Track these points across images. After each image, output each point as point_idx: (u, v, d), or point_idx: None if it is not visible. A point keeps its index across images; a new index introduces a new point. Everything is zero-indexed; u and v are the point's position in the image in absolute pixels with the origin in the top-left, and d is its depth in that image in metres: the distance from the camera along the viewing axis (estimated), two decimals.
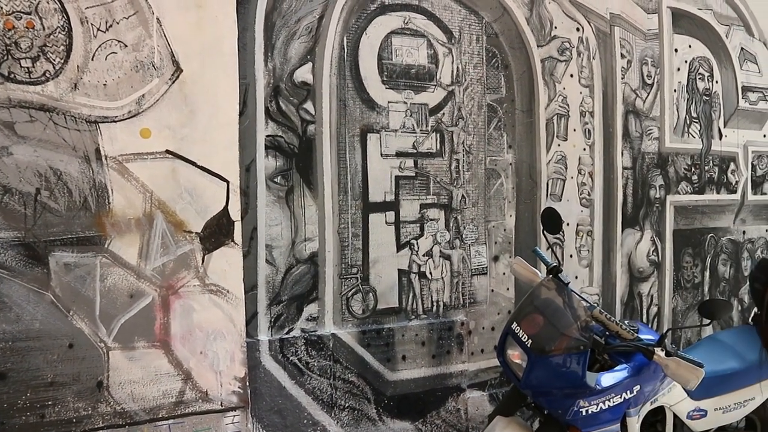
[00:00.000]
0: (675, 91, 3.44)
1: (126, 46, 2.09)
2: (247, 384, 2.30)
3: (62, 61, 2.02)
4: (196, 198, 2.19)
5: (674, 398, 2.25)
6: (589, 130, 3.17)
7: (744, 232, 3.74)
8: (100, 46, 2.06)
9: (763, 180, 3.81)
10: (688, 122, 3.50)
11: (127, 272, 2.10)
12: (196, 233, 2.20)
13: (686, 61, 3.49)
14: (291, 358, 2.45)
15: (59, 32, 2.01)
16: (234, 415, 2.27)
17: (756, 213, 3.79)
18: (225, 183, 2.22)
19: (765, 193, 3.82)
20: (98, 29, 2.06)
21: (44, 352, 2.01)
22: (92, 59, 2.04)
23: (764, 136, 3.80)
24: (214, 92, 2.21)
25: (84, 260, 2.05)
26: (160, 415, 2.15)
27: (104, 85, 2.06)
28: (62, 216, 2.02)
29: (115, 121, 2.07)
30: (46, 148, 2.00)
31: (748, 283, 3.43)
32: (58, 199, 2.02)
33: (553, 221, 2.28)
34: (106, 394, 2.08)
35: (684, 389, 2.24)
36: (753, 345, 2.47)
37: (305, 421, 2.48)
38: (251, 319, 2.37)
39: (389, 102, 2.66)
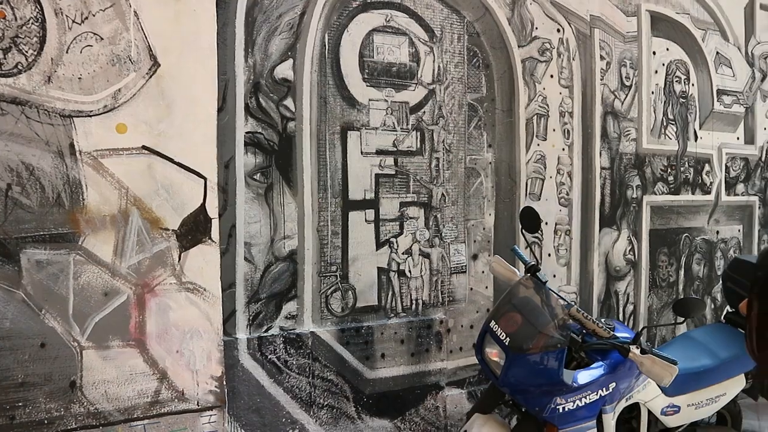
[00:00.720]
0: (652, 93, 3.49)
1: (102, 39, 2.04)
2: (224, 383, 2.28)
3: (35, 53, 1.97)
4: (172, 195, 2.16)
5: (649, 395, 2.28)
6: (568, 131, 3.20)
7: (717, 232, 3.81)
8: (75, 38, 2.01)
9: (736, 181, 3.88)
10: (664, 124, 3.55)
11: (101, 270, 2.06)
12: (172, 230, 2.17)
13: (664, 64, 3.53)
14: (269, 356, 2.43)
15: (32, 23, 1.96)
16: (211, 415, 2.25)
17: (729, 213, 3.86)
18: (202, 180, 2.20)
19: (738, 195, 3.90)
20: (73, 21, 2.01)
21: (14, 352, 1.97)
22: (67, 52, 1.99)
23: (737, 138, 3.88)
24: (191, 87, 2.18)
25: (57, 257, 2.01)
26: (135, 415, 2.12)
27: (79, 78, 2.02)
28: (34, 212, 1.98)
29: (90, 116, 2.03)
30: (17, 143, 1.95)
31: (720, 281, 3.49)
32: (30, 195, 1.98)
33: (531, 220, 2.30)
34: (80, 395, 2.04)
35: (658, 386, 2.28)
36: (724, 342, 2.52)
37: (284, 420, 2.47)
38: (229, 317, 2.35)
39: (370, 100, 2.65)
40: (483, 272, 2.95)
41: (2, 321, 1.95)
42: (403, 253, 2.76)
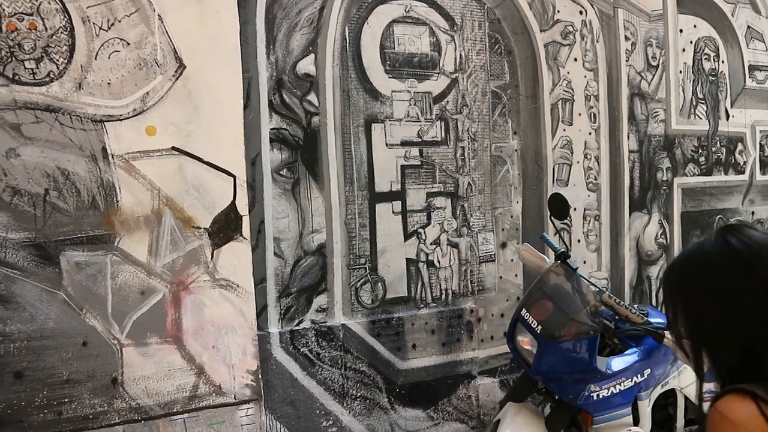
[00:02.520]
0: (680, 72, 3.42)
1: (128, 44, 2.09)
2: (260, 377, 2.33)
3: (66, 61, 2.02)
4: (203, 194, 2.20)
5: (685, 381, 2.26)
6: (594, 114, 3.17)
7: (753, 213, 3.73)
8: (102, 44, 2.06)
9: None
10: (694, 103, 3.48)
11: (137, 269, 2.12)
12: (204, 229, 2.21)
13: (691, 42, 3.45)
14: (302, 349, 2.48)
15: (62, 32, 2.01)
16: (248, 408, 2.29)
17: (765, 193, 3.77)
18: (231, 178, 2.23)
19: None
20: (100, 28, 2.06)
21: (59, 351, 2.04)
22: (95, 58, 2.04)
23: None
24: (217, 87, 2.21)
25: (94, 259, 2.06)
26: (175, 410, 2.18)
27: (108, 83, 2.06)
28: (71, 215, 2.04)
29: (121, 120, 2.08)
30: (52, 149, 2.01)
31: None
32: (66, 199, 2.03)
33: (560, 206, 2.29)
34: (121, 390, 2.10)
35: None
36: None
37: (318, 412, 2.51)
38: (261, 311, 2.39)
39: (393, 91, 2.66)
40: (512, 260, 2.95)
41: (46, 321, 2.02)
42: (431, 244, 2.78)
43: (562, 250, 2.20)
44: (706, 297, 0.97)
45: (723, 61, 3.55)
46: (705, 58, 3.51)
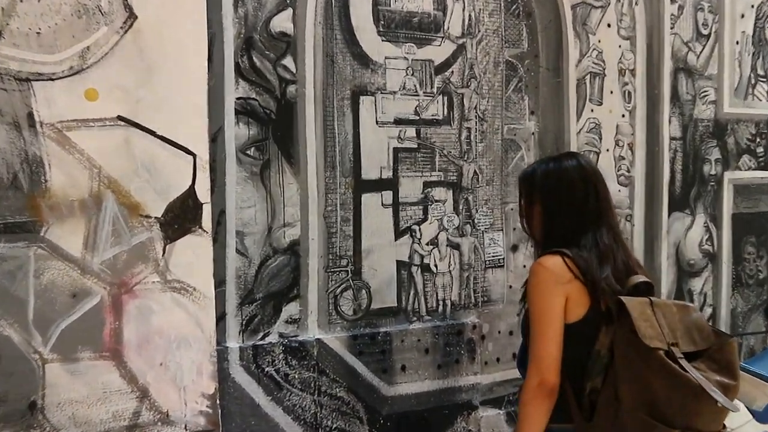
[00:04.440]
0: (737, 43, 3.49)
1: None
2: (218, 402, 2.34)
3: None
4: (155, 175, 2.20)
5: (736, 421, 2.31)
6: (629, 92, 3.25)
7: None
8: None
9: None
10: (753, 82, 3.55)
11: (68, 266, 2.09)
12: (155, 218, 2.22)
13: (753, 6, 3.51)
14: (267, 369, 2.51)
15: None
16: None
17: None
18: (191, 157, 2.25)
19: None
20: None
21: None
22: (21, 0, 2.00)
23: None
24: (176, 44, 2.21)
25: (13, 252, 2.02)
26: None
27: (37, 33, 2.00)
28: None
29: (53, 79, 2.04)
30: None
31: None
32: None
33: None
34: (41, 418, 2.04)
35: (748, 409, 2.34)
36: None
37: None
38: (218, 321, 2.40)
39: (386, 58, 2.71)
40: (524, 267, 3.01)
41: None
42: (427, 244, 2.84)
43: None
44: (562, 198, 1.81)
45: None
46: None
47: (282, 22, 2.52)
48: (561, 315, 1.73)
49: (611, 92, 3.20)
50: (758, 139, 3.59)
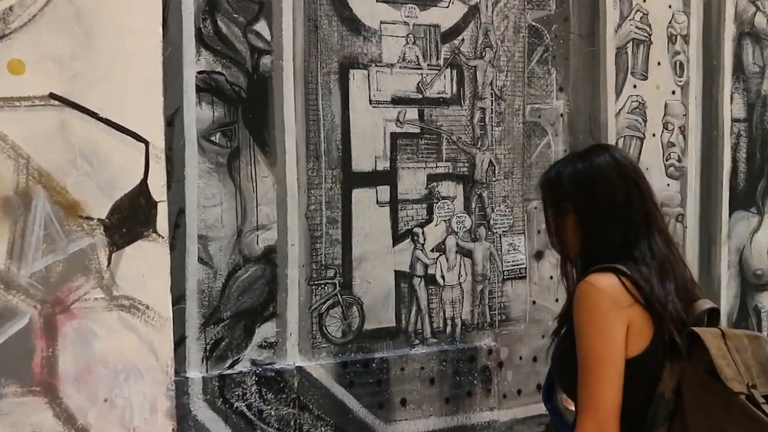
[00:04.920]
0: None
1: None
2: None
3: None
4: (97, 167, 2.18)
5: None
6: (680, 64, 3.22)
7: None
8: None
9: None
10: None
11: None
12: (98, 220, 2.20)
13: None
14: (236, 404, 2.49)
15: None
16: None
17: None
18: (142, 144, 2.23)
19: None
20: None
21: None
22: None
23: None
24: (122, 5, 2.20)
25: None
26: None
27: None
28: None
29: None
30: None
31: None
32: None
33: None
34: None
35: None
36: None
37: None
38: (177, 346, 2.38)
39: (382, 23, 2.69)
40: (551, 278, 3.00)
41: None
42: (432, 251, 2.82)
43: None
44: (602, 204, 1.76)
45: None
46: None
47: None
48: (622, 350, 1.66)
49: (659, 63, 3.18)
50: None
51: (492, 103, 2.89)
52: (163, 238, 2.29)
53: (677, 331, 1.66)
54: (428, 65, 2.77)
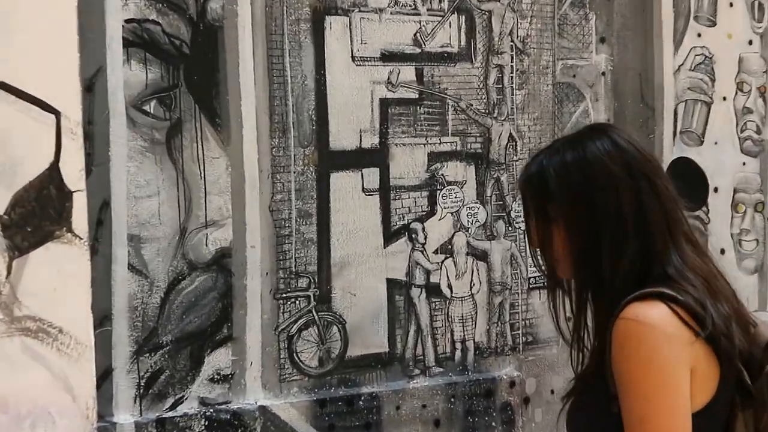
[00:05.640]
0: None
1: None
2: None
3: None
4: None
5: None
6: (760, 5, 3.23)
7: None
8: None
9: None
10: None
11: None
12: None
13: None
14: None
15: None
16: None
17: None
18: (52, 116, 2.20)
19: None
20: None
21: None
22: None
23: None
24: None
25: None
26: None
27: None
28: None
29: None
30: None
31: None
32: None
33: (688, 185, 2.33)
34: None
35: None
36: None
37: None
38: (101, 382, 2.37)
39: None
40: None
41: None
42: (436, 252, 2.81)
43: None
44: (602, 204, 1.65)
45: None
46: None
47: None
48: (688, 402, 1.57)
49: (731, 5, 3.19)
50: None
51: (512, 59, 2.89)
52: (81, 239, 2.26)
53: (746, 369, 1.61)
54: (428, 10, 2.77)
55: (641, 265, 1.64)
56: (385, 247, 2.75)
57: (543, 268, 1.81)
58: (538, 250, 1.79)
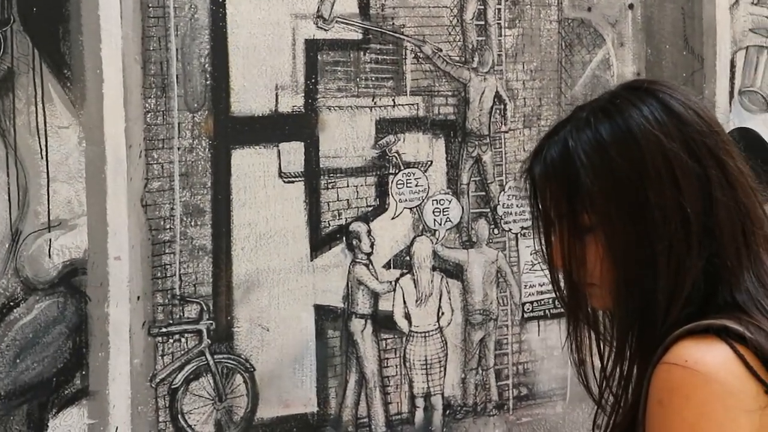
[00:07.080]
0: None
1: None
2: None
3: None
4: None
5: None
6: None
7: None
8: None
9: None
10: None
11: None
12: None
13: None
14: None
15: None
16: None
17: None
18: None
19: None
20: None
21: None
22: None
23: None
24: None
25: None
26: None
27: None
28: None
29: None
30: None
31: None
32: None
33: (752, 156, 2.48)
34: None
35: None
36: None
37: None
38: None
39: None
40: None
41: None
42: (387, 266, 2.93)
43: None
44: (660, 199, 1.66)
45: None
46: None
47: None
48: None
49: None
50: None
51: None
52: None
53: None
54: None
55: (705, 288, 1.66)
56: (312, 259, 2.83)
57: (567, 296, 1.81)
58: (561, 270, 1.79)
